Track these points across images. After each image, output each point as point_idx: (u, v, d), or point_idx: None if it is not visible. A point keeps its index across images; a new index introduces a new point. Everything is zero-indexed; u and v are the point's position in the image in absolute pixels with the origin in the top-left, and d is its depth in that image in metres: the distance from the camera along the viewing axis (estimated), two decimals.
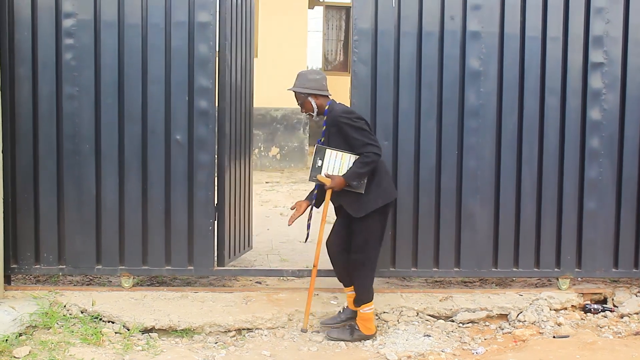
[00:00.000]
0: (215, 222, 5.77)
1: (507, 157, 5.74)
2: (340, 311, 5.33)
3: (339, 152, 5.02)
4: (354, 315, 5.21)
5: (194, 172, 5.63)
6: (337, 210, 5.22)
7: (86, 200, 5.60)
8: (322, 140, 5.14)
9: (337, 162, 5.02)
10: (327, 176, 4.99)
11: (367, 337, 5.16)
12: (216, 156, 5.75)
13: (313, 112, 5.13)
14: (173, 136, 5.59)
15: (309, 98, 5.10)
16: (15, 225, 5.61)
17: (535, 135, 5.74)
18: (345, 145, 5.00)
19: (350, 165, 4.98)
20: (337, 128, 5.00)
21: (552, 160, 5.76)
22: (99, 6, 5.51)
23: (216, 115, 5.70)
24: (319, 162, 5.05)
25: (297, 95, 5.14)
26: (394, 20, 5.64)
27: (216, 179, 5.77)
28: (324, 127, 5.12)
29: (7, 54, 5.47)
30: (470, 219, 5.75)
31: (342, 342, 5.11)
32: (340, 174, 4.97)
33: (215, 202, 5.77)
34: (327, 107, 5.11)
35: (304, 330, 5.20)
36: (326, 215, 5.10)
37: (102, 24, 5.52)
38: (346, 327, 5.19)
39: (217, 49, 5.68)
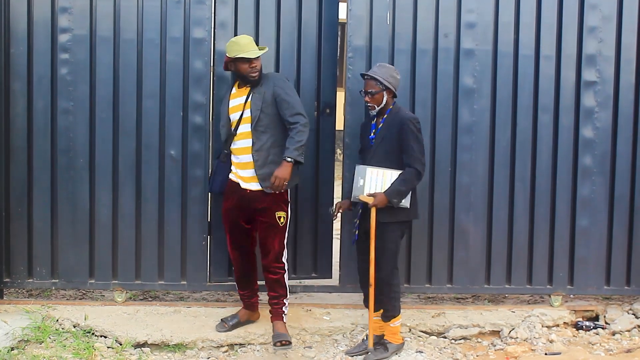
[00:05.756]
0: (209, 237, 5.77)
1: (500, 174, 5.76)
2: (363, 339, 5.29)
3: (379, 169, 4.98)
4: (377, 340, 5.17)
5: (188, 188, 5.63)
6: (362, 239, 5.15)
7: (80, 215, 5.61)
8: (373, 135, 5.08)
9: (379, 181, 4.98)
10: (370, 195, 4.97)
11: (400, 347, 5.21)
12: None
13: (378, 105, 5.03)
14: (167, 151, 5.60)
15: (384, 92, 5.03)
16: (9, 239, 5.61)
17: (528, 153, 5.77)
18: (397, 149, 4.96)
19: (393, 181, 4.96)
20: (399, 130, 4.95)
21: (544, 178, 5.79)
22: (95, 21, 5.53)
23: (210, 130, 5.71)
24: (361, 182, 5.02)
25: (373, 84, 5.03)
26: (388, 37, 5.67)
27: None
28: (381, 125, 5.05)
29: (2, 69, 5.49)
30: (463, 236, 5.77)
31: (336, 358, 5.14)
32: (383, 192, 4.95)
33: (209, 217, 5.78)
34: (391, 107, 5.08)
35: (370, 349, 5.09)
36: (375, 234, 4.96)
37: (98, 39, 5.54)
38: (376, 347, 5.13)
39: (212, 65, 5.70)
